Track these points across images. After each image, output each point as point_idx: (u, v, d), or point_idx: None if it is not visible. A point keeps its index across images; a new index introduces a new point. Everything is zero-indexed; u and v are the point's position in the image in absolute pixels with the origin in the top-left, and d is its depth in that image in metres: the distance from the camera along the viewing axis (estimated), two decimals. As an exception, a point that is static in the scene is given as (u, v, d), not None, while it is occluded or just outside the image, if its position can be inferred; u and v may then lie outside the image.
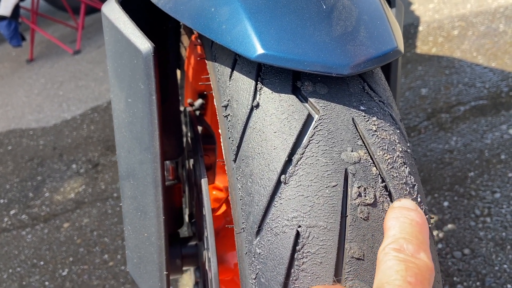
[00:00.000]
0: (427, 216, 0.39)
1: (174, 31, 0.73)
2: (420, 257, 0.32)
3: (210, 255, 0.55)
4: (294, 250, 0.36)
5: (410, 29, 2.22)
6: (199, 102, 0.88)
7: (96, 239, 1.68)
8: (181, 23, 0.80)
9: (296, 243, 0.36)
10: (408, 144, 0.41)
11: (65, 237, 1.75)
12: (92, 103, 2.77)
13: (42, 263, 1.66)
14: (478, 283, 1.06)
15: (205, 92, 0.91)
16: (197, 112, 0.85)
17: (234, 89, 0.43)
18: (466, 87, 1.69)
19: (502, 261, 1.09)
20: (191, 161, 0.74)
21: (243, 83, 0.42)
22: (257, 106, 0.40)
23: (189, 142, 0.72)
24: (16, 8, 3.44)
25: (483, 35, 1.94)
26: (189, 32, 0.75)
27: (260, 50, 0.38)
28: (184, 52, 0.87)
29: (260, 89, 0.41)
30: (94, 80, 3.09)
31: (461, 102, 1.63)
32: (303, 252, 0.36)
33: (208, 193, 0.58)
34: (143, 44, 0.51)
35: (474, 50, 1.87)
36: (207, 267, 0.60)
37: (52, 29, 4.58)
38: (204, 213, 0.58)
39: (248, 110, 0.41)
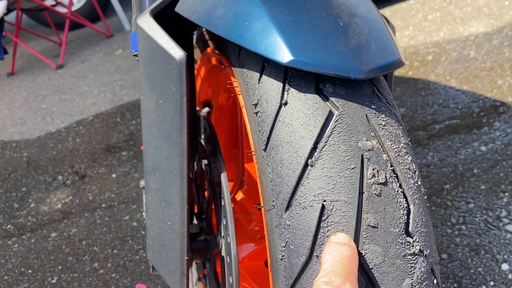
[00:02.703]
0: (424, 197, 0.48)
1: (190, 45, 0.81)
2: (345, 287, 0.39)
3: (230, 239, 0.62)
4: (320, 220, 0.43)
5: (388, 53, 2.36)
6: (205, 110, 0.95)
7: (85, 248, 1.70)
8: (193, 37, 0.88)
9: (321, 214, 0.43)
10: (409, 139, 0.50)
11: (53, 246, 1.77)
12: (77, 116, 2.80)
13: (30, 271, 1.67)
14: (455, 285, 1.15)
15: (210, 101, 0.98)
16: (204, 119, 0.92)
17: (263, 90, 0.51)
18: (441, 108, 1.82)
19: (477, 265, 1.18)
20: (203, 162, 0.81)
21: (271, 85, 0.50)
22: (286, 103, 0.48)
23: (202, 144, 0.80)
24: (1, 22, 3.46)
25: (456, 60, 2.09)
26: (203, 45, 0.83)
27: (291, 57, 0.46)
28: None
29: (287, 90, 0.49)
30: (79, 94, 3.12)
31: (436, 121, 1.76)
32: (327, 222, 0.43)
33: (228, 185, 0.65)
34: (177, 52, 0.59)
35: (448, 74, 2.02)
36: (223, 253, 0.66)
37: (33, 44, 4.59)
38: (223, 203, 0.65)
39: (277, 107, 0.49)
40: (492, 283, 1.13)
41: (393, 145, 0.47)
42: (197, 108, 0.94)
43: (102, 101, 2.90)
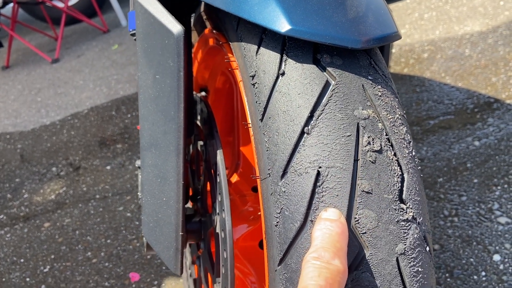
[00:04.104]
0: (418, 168, 0.48)
1: (187, 26, 0.82)
2: (334, 263, 0.39)
3: (225, 215, 0.62)
4: (315, 186, 0.44)
5: (384, 51, 2.37)
6: (202, 94, 0.95)
7: (78, 237, 1.70)
8: (191, 19, 0.88)
9: (317, 180, 0.44)
10: (404, 111, 0.50)
11: (46, 236, 1.76)
12: (72, 109, 2.79)
13: (22, 260, 1.66)
14: (447, 275, 1.16)
15: (206, 87, 0.98)
16: (201, 103, 0.92)
17: (261, 62, 0.51)
18: (435, 104, 1.83)
19: (468, 255, 1.19)
20: (198, 143, 0.81)
21: (269, 57, 0.50)
22: (283, 74, 0.49)
23: (198, 125, 0.80)
24: (-4, 14, 3.44)
25: (451, 58, 2.11)
26: (200, 27, 0.83)
27: (289, 26, 0.46)
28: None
29: (285, 61, 0.49)
30: (74, 87, 3.11)
31: (431, 116, 1.77)
32: (323, 187, 0.44)
33: (224, 162, 0.65)
34: (175, 26, 0.59)
35: (443, 71, 2.03)
36: (218, 230, 0.66)
37: (29, 38, 4.57)
38: (219, 180, 0.65)
39: (275, 78, 0.49)
40: (483, 273, 1.14)
41: (388, 115, 0.47)
42: (194, 93, 0.94)
43: (98, 95, 2.90)
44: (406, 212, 0.44)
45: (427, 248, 0.45)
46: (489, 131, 1.59)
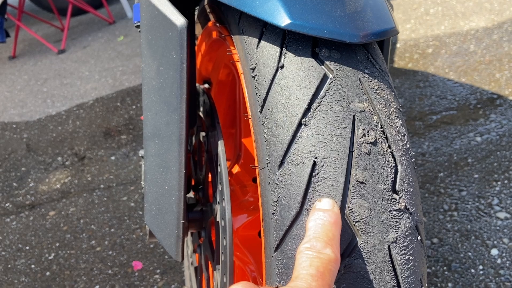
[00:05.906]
0: (412, 160, 0.50)
1: (191, 19, 0.83)
2: (326, 252, 0.41)
3: (225, 204, 0.64)
4: (311, 176, 0.45)
5: (388, 45, 2.38)
6: (205, 86, 0.97)
7: (83, 226, 1.72)
8: (195, 12, 0.89)
9: (313, 170, 0.45)
10: (400, 105, 0.52)
11: (51, 224, 1.79)
12: (78, 100, 2.81)
13: (27, 247, 1.69)
14: (444, 268, 1.18)
15: (209, 79, 1.00)
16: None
17: (261, 55, 0.52)
18: (438, 99, 1.84)
19: (466, 249, 1.21)
20: (201, 134, 0.82)
21: (269, 50, 0.52)
22: (282, 67, 0.50)
23: (200, 117, 0.81)
24: (3, 5, 3.46)
25: (455, 54, 2.11)
26: (204, 20, 0.84)
27: (289, 20, 0.48)
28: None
29: (284, 54, 0.50)
30: (80, 78, 3.13)
31: (434, 111, 1.78)
32: (318, 177, 0.45)
33: (224, 152, 0.67)
34: (178, 19, 0.60)
35: (446, 66, 2.03)
36: (218, 219, 0.68)
37: (35, 29, 4.59)
38: (220, 170, 0.67)
39: (274, 70, 0.50)
40: (481, 267, 1.15)
41: (384, 108, 0.48)
42: (197, 85, 0.96)
43: (103, 86, 2.91)
44: (398, 202, 0.46)
45: (419, 238, 0.47)
46: (491, 127, 1.60)
